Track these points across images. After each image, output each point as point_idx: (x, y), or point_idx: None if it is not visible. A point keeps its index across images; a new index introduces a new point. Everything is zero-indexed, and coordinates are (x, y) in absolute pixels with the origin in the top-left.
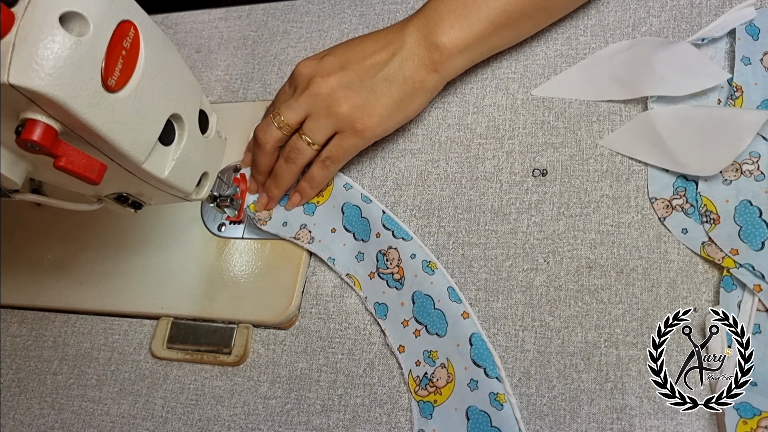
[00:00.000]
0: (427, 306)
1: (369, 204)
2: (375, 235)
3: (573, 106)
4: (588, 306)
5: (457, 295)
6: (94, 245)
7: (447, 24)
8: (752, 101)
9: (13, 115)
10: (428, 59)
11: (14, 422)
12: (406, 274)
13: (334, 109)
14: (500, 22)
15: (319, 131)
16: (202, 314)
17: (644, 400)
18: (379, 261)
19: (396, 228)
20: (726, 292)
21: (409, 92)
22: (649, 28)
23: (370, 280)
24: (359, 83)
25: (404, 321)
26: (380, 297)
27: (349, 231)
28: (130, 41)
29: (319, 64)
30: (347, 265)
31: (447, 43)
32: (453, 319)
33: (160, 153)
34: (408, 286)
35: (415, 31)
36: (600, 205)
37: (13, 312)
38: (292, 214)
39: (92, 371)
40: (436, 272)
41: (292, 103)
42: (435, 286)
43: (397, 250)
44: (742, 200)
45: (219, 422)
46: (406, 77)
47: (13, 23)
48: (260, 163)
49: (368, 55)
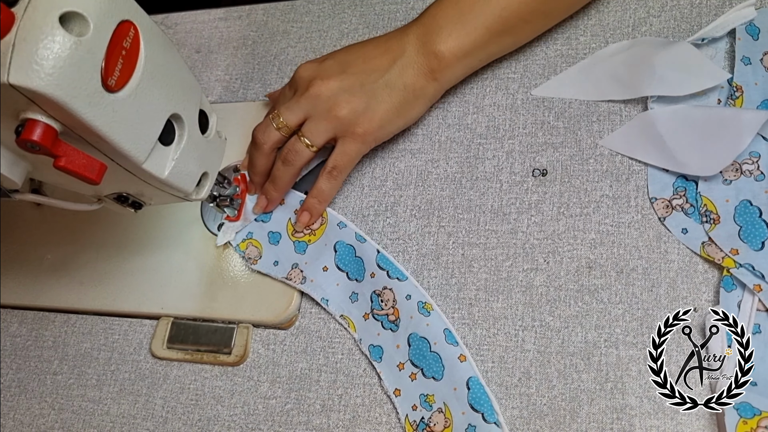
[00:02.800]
0: (423, 349)
1: (363, 243)
2: (369, 275)
3: (573, 106)
4: (588, 306)
5: (453, 338)
6: (94, 245)
7: (445, 32)
8: (752, 101)
9: (13, 115)
10: (427, 67)
11: (14, 422)
12: (402, 315)
13: (335, 113)
14: (497, 28)
15: (319, 133)
16: (202, 314)
17: (644, 400)
18: (374, 302)
19: (391, 268)
20: (726, 292)
21: (409, 99)
22: (649, 28)
23: (364, 322)
24: (360, 88)
25: (400, 364)
26: (375, 339)
27: (341, 270)
28: (130, 41)
29: (319, 67)
30: (341, 306)
31: (445, 52)
32: (450, 362)
33: (160, 153)
34: (403, 328)
35: (414, 38)
36: (600, 205)
37: (13, 312)
38: (282, 253)
39: (92, 371)
40: (432, 314)
41: (292, 104)
42: (431, 328)
43: (392, 291)
44: (742, 200)
45: (219, 422)
46: (406, 84)
47: (13, 23)
48: (257, 164)
49: (369, 60)
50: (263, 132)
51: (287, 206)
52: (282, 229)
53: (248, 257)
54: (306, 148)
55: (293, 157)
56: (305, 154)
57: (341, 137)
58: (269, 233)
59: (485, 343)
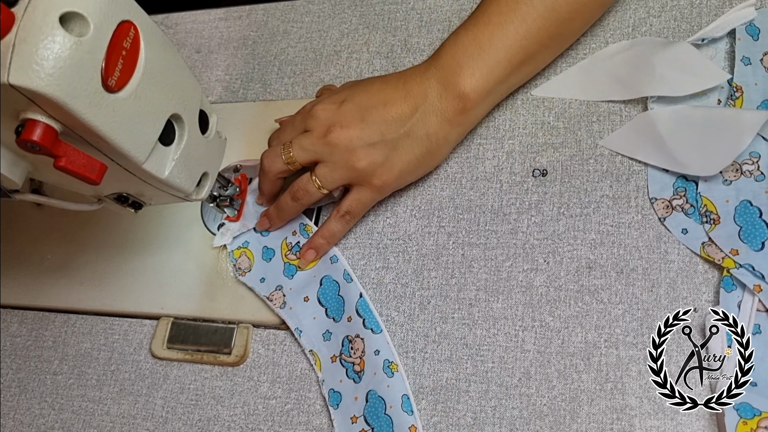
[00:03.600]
0: (378, 408)
1: (349, 283)
2: (347, 318)
3: (573, 106)
4: (588, 306)
5: (410, 406)
6: (95, 245)
7: (467, 72)
8: (752, 101)
9: (13, 115)
10: (452, 112)
11: (14, 422)
12: (366, 369)
13: (353, 164)
14: (519, 59)
15: (333, 180)
16: (202, 314)
17: (644, 400)
18: (344, 346)
19: (368, 316)
20: (726, 292)
21: (432, 149)
22: (649, 28)
23: (331, 364)
24: (380, 139)
25: (354, 417)
26: (337, 384)
27: (322, 305)
28: (131, 41)
29: (338, 111)
30: (312, 341)
31: (470, 92)
32: (399, 429)
33: (160, 153)
34: (365, 383)
35: (435, 83)
36: (600, 205)
37: (13, 312)
38: (271, 271)
39: (92, 371)
40: (395, 375)
41: (306, 144)
42: (390, 390)
43: (363, 341)
44: (742, 200)
45: (219, 422)
46: (429, 134)
47: (14, 23)
48: (263, 187)
49: (389, 107)
50: (271, 161)
51: (285, 227)
52: (276, 247)
53: (238, 267)
54: (317, 190)
55: (302, 196)
56: (315, 195)
57: (357, 185)
58: (264, 248)
59: (485, 343)
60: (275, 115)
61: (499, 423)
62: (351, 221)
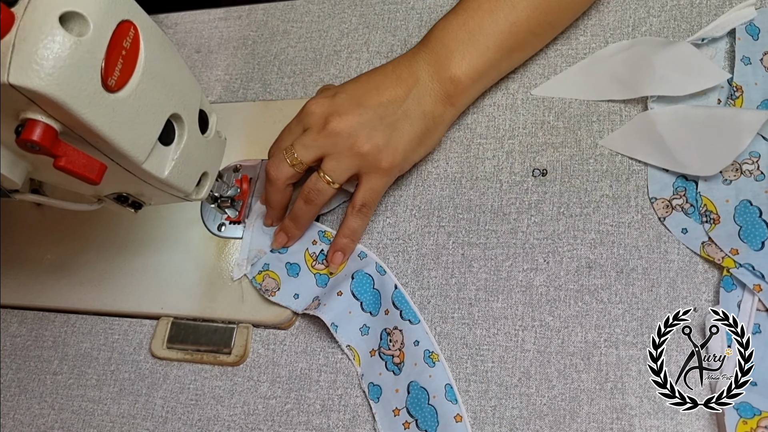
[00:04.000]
0: (421, 399)
1: (383, 275)
2: (384, 312)
3: (573, 106)
4: (588, 306)
5: (454, 395)
6: (94, 245)
7: (458, 56)
8: (752, 101)
9: (13, 115)
10: (444, 93)
11: (14, 422)
12: (406, 360)
13: (357, 149)
14: (509, 44)
15: (342, 171)
16: (202, 314)
17: (644, 399)
18: (383, 339)
19: (405, 308)
20: (726, 292)
21: (429, 127)
22: (649, 28)
23: (370, 358)
24: (379, 121)
25: (396, 410)
26: (376, 378)
27: (357, 298)
28: (130, 41)
29: (332, 102)
30: (350, 337)
31: (461, 76)
32: (445, 419)
33: (160, 153)
34: (406, 374)
35: (425, 65)
36: (600, 205)
37: (13, 312)
38: (303, 285)
39: (92, 371)
40: (436, 365)
41: (308, 141)
42: (433, 380)
43: (402, 333)
44: (742, 200)
45: (219, 422)
46: (425, 112)
47: (13, 23)
48: (273, 200)
49: (383, 92)
50: (276, 168)
51: (304, 238)
52: (300, 261)
53: (265, 289)
54: (328, 186)
55: (315, 196)
56: (328, 192)
57: (365, 173)
58: (287, 264)
59: (485, 343)
60: (275, 115)
61: (499, 423)
62: (368, 213)
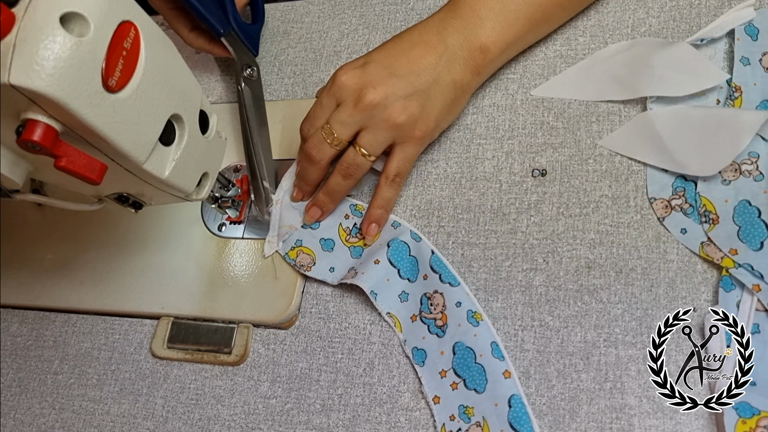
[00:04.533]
0: (467, 359)
1: (419, 242)
2: (422, 277)
3: (572, 107)
4: (587, 306)
5: (500, 352)
6: (95, 245)
7: (488, 25)
8: (751, 101)
9: (14, 115)
10: (472, 62)
11: (15, 422)
12: (450, 322)
13: (393, 121)
14: (537, 17)
15: (378, 144)
16: (203, 314)
17: (643, 399)
18: (423, 304)
19: (444, 271)
20: (725, 292)
21: (458, 95)
22: (648, 28)
23: (411, 323)
24: (413, 90)
25: (442, 371)
26: (420, 342)
27: (394, 266)
28: (131, 42)
29: (363, 73)
30: (389, 304)
31: (490, 46)
32: (494, 376)
33: (160, 153)
34: (450, 335)
35: (454, 32)
36: (599, 205)
37: (14, 312)
38: (338, 259)
39: (93, 371)
40: (480, 324)
41: (344, 117)
42: (478, 339)
43: (443, 296)
44: (741, 200)
45: (219, 422)
46: (455, 80)
47: (14, 24)
48: (312, 178)
49: (413, 60)
50: (318, 150)
51: (335, 213)
52: (334, 236)
53: (300, 264)
54: (365, 160)
55: (354, 171)
56: (365, 166)
57: (399, 143)
58: (321, 240)
59: None
60: (275, 115)
61: None
62: (401, 183)
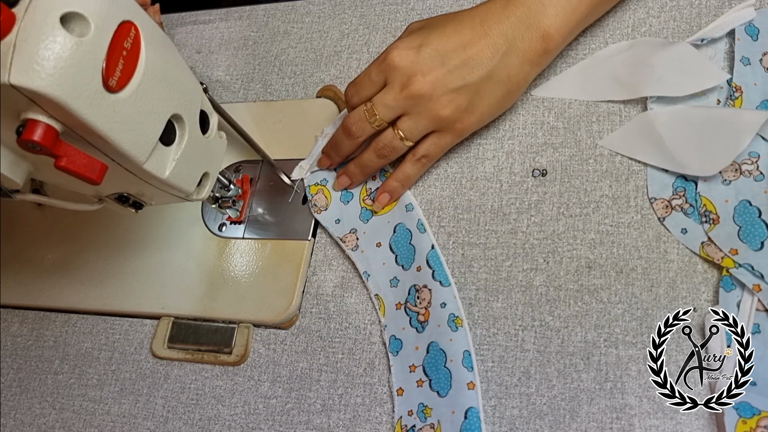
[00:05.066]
0: (438, 361)
1: (422, 233)
2: (416, 268)
3: (573, 107)
4: (588, 306)
5: (470, 362)
6: (95, 245)
7: (552, 11)
8: (752, 102)
9: (14, 115)
10: (533, 53)
11: (15, 422)
12: (431, 320)
13: (437, 112)
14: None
15: (418, 132)
16: (203, 314)
17: (644, 399)
18: (411, 295)
19: (438, 269)
20: (725, 292)
21: (512, 90)
22: (648, 28)
23: (395, 311)
24: (463, 83)
25: (412, 366)
26: (399, 332)
27: (393, 251)
28: (131, 42)
29: (417, 58)
30: (379, 286)
31: (554, 33)
32: (458, 384)
33: (160, 153)
34: (428, 333)
35: (516, 21)
36: (600, 205)
37: (14, 312)
38: (347, 214)
39: (93, 371)
40: (459, 330)
41: (390, 101)
42: (453, 344)
43: (431, 293)
44: (741, 200)
45: (219, 422)
46: (510, 75)
47: (14, 24)
48: (345, 150)
49: (468, 49)
50: (358, 126)
51: None
52: (356, 191)
53: (314, 203)
54: (402, 144)
55: (389, 152)
56: (401, 149)
57: (438, 131)
58: (344, 190)
59: (485, 342)
60: (275, 115)
61: (499, 422)
62: (427, 165)
